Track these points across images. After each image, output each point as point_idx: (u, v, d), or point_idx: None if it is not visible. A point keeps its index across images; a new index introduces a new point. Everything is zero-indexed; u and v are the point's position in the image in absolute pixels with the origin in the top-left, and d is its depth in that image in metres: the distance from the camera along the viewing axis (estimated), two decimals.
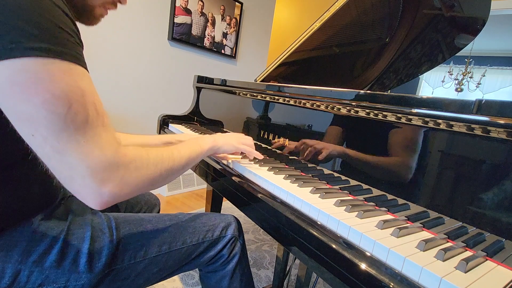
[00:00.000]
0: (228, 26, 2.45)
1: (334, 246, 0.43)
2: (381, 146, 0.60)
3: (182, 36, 2.13)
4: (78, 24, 0.44)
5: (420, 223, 0.48)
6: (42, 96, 0.35)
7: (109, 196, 0.40)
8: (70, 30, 0.39)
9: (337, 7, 1.04)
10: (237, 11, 2.48)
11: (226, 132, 1.13)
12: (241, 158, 0.80)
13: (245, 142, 0.74)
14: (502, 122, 0.42)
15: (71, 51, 0.38)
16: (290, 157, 0.82)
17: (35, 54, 0.34)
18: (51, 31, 0.36)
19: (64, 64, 0.37)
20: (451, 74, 4.63)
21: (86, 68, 0.41)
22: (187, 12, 2.13)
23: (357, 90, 0.65)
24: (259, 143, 0.95)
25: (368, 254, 0.41)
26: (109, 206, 0.42)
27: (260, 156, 0.75)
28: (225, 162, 0.79)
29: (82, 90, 0.38)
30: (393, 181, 0.57)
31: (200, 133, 1.13)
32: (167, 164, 0.51)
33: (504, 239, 0.42)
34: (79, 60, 0.39)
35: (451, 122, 0.48)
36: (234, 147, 0.72)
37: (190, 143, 0.61)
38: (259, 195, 0.61)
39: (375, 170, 0.61)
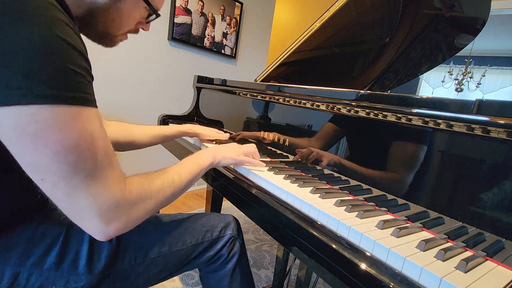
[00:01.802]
0: (228, 26, 2.45)
1: (334, 246, 0.43)
2: (381, 146, 0.60)
3: (182, 36, 2.13)
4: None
5: (420, 223, 0.48)
6: (53, 148, 0.34)
7: (114, 232, 0.43)
8: (81, 69, 0.37)
9: (337, 7, 1.04)
10: (237, 11, 2.48)
11: (226, 131, 1.13)
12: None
13: (246, 152, 0.72)
14: (502, 122, 0.42)
15: (81, 93, 0.37)
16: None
17: (43, 101, 0.33)
18: (60, 76, 0.34)
19: (73, 110, 0.36)
20: (451, 74, 4.63)
21: (95, 105, 0.40)
22: (187, 12, 2.13)
23: (357, 90, 0.65)
24: (259, 143, 0.95)
25: (368, 254, 0.41)
26: (115, 236, 0.45)
27: (262, 164, 0.72)
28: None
29: (91, 135, 0.38)
30: (393, 181, 0.57)
31: None
32: (168, 192, 0.52)
33: (504, 239, 0.42)
34: (89, 101, 0.38)
35: (451, 122, 0.48)
36: (234, 159, 0.69)
37: (189, 164, 0.61)
38: (259, 195, 0.61)
39: (375, 170, 0.61)
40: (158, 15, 0.57)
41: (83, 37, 0.43)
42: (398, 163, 0.57)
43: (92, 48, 0.48)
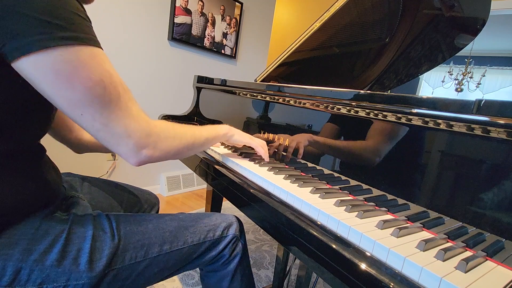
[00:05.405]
0: (228, 26, 2.45)
1: (334, 246, 0.43)
2: (381, 146, 0.60)
3: (182, 36, 2.13)
4: None
5: (420, 223, 0.48)
6: (84, 83, 0.41)
7: (144, 158, 0.50)
8: (83, 14, 0.43)
9: (337, 7, 1.04)
10: (237, 11, 2.48)
11: None
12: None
13: (257, 142, 0.80)
14: (502, 122, 0.42)
15: (90, 35, 0.43)
16: (290, 157, 0.82)
17: (65, 43, 0.39)
18: (71, 20, 0.40)
19: (89, 50, 0.42)
20: (451, 74, 4.63)
21: (101, 47, 0.46)
22: (187, 12, 2.13)
23: (357, 90, 0.65)
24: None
25: (368, 254, 0.41)
26: (144, 164, 0.52)
27: (266, 158, 0.79)
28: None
29: (109, 72, 0.45)
30: (393, 181, 0.57)
31: None
32: (190, 139, 0.61)
33: (504, 239, 0.42)
34: (97, 42, 0.44)
35: (451, 122, 0.48)
36: (246, 140, 0.79)
37: (209, 127, 0.72)
38: (259, 195, 0.61)
39: (375, 170, 0.61)
40: None
41: None
42: (398, 163, 0.57)
43: None
